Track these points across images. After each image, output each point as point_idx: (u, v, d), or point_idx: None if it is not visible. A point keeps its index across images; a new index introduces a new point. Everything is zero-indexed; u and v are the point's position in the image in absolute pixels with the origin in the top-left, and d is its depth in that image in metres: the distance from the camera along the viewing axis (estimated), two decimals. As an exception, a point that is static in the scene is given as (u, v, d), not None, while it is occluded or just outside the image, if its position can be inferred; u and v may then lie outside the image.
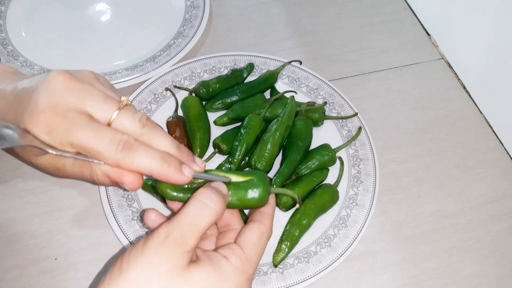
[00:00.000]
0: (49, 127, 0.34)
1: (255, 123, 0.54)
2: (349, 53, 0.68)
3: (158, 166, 0.34)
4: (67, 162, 0.37)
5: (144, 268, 0.30)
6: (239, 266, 0.33)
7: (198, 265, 0.31)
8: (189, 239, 0.31)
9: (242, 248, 0.34)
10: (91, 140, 0.34)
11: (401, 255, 0.51)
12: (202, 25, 0.66)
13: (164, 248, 0.30)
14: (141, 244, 0.31)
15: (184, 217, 0.32)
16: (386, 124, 0.61)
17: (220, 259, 0.32)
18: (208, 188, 0.34)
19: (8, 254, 0.48)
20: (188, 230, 0.31)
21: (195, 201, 0.33)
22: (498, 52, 0.59)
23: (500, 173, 0.58)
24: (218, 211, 0.33)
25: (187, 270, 0.31)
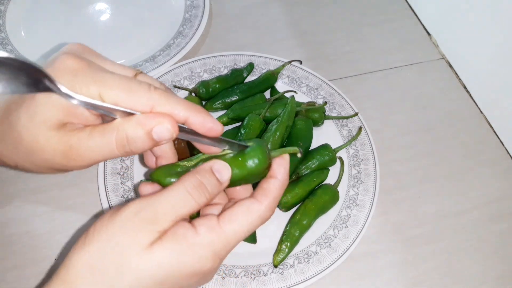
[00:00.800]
0: (74, 69, 0.30)
1: (255, 123, 0.54)
2: (349, 53, 0.68)
3: (194, 107, 0.31)
4: (84, 135, 0.31)
5: (107, 243, 0.29)
6: (206, 239, 0.30)
7: (162, 241, 0.29)
8: (162, 221, 0.29)
9: (219, 221, 0.31)
10: (121, 81, 0.30)
11: (402, 255, 0.51)
12: (202, 24, 0.66)
13: (131, 224, 0.29)
14: (108, 216, 0.30)
15: (162, 201, 0.30)
16: (386, 124, 0.61)
17: (187, 230, 0.30)
18: (199, 175, 0.31)
19: (8, 254, 0.48)
20: (164, 212, 0.29)
21: (180, 188, 0.30)
22: (499, 52, 0.59)
23: (501, 173, 0.58)
24: (201, 204, 0.31)
25: (150, 247, 0.29)
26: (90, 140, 0.31)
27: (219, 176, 0.32)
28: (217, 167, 0.32)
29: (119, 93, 0.30)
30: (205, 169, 0.32)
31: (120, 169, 0.53)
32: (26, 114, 0.31)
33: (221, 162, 0.32)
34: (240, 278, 0.47)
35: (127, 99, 0.30)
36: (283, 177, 0.33)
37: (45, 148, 0.31)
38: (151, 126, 0.30)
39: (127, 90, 0.30)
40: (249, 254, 0.49)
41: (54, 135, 0.31)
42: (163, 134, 0.30)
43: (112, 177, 0.52)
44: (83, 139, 0.31)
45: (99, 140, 0.31)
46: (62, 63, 0.30)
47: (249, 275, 0.47)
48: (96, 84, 0.30)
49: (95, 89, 0.30)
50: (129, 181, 0.52)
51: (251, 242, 0.50)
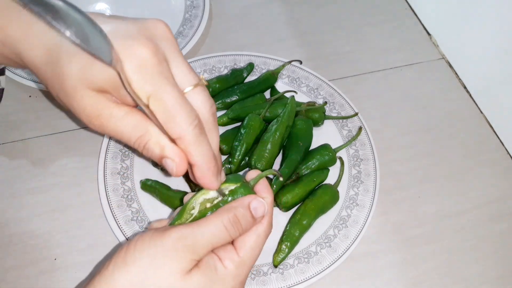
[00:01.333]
0: (144, 64, 0.31)
1: (255, 123, 0.54)
2: (349, 53, 0.68)
3: (209, 160, 0.33)
4: (117, 113, 0.33)
5: (149, 265, 0.30)
6: (233, 271, 0.33)
7: (199, 269, 0.32)
8: (200, 251, 0.32)
9: (237, 252, 0.34)
10: (174, 100, 0.31)
11: (402, 255, 0.51)
12: (201, 24, 0.66)
13: (173, 251, 0.31)
14: (149, 237, 0.31)
15: (202, 231, 0.32)
16: (386, 124, 0.61)
17: (216, 262, 0.33)
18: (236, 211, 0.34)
19: (8, 254, 0.48)
20: (202, 244, 0.32)
21: (218, 221, 0.33)
22: (499, 52, 0.59)
23: (501, 173, 0.58)
24: (233, 238, 0.34)
25: (188, 274, 0.31)
26: (122, 120, 0.33)
27: (254, 213, 0.35)
28: (254, 205, 0.35)
29: (162, 109, 0.31)
30: (243, 205, 0.34)
31: (120, 169, 0.53)
32: (78, 62, 0.31)
33: (259, 200, 0.35)
34: (240, 278, 0.47)
35: (165, 119, 0.31)
36: (270, 195, 0.37)
37: (78, 102, 0.33)
38: (165, 154, 0.33)
39: (170, 113, 0.31)
40: (249, 254, 0.49)
41: (92, 95, 0.32)
42: (169, 167, 0.33)
43: (112, 177, 0.52)
44: (114, 118, 0.33)
45: (128, 126, 0.33)
46: (137, 50, 0.31)
47: (249, 275, 0.47)
48: (152, 88, 0.31)
49: (148, 91, 0.31)
50: (129, 181, 0.52)
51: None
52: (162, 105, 0.31)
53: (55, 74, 0.33)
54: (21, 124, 0.57)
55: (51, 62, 0.33)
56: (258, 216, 0.35)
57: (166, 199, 0.50)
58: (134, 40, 0.31)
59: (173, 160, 0.33)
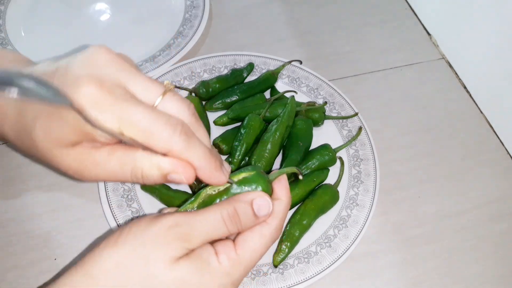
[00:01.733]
0: (95, 100, 0.29)
1: (255, 123, 0.54)
2: (349, 53, 0.68)
3: (208, 159, 0.32)
4: (100, 158, 0.32)
5: (138, 248, 0.30)
6: (226, 268, 0.31)
7: (189, 258, 0.31)
8: (193, 240, 0.31)
9: (236, 250, 0.32)
10: (145, 119, 0.29)
11: (402, 255, 0.51)
12: (202, 24, 0.66)
13: (165, 236, 0.30)
14: (144, 222, 0.31)
15: (198, 221, 0.31)
16: (386, 124, 0.61)
17: (210, 255, 0.31)
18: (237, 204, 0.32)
19: (8, 254, 0.48)
20: (196, 233, 0.31)
21: (217, 213, 0.32)
22: (499, 52, 0.59)
23: (501, 173, 0.58)
24: (232, 232, 0.32)
25: (176, 262, 0.30)
26: (107, 163, 0.32)
27: (257, 211, 0.33)
28: (258, 203, 0.33)
29: (138, 132, 0.29)
30: (245, 200, 0.33)
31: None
32: (41, 128, 0.31)
33: (265, 199, 0.33)
34: (240, 278, 0.47)
35: (146, 140, 0.30)
36: (287, 198, 0.35)
37: (59, 162, 0.32)
38: (166, 171, 0.31)
39: (147, 131, 0.29)
40: (249, 254, 0.49)
41: (69, 152, 0.32)
42: (177, 180, 0.32)
43: (112, 177, 0.52)
44: (100, 161, 0.32)
45: (116, 166, 0.32)
46: (83, 89, 0.29)
47: (249, 275, 0.47)
48: (116, 118, 0.29)
49: (115, 123, 0.29)
50: (129, 181, 0.52)
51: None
52: (135, 128, 0.29)
53: (29, 144, 0.32)
54: (21, 124, 0.57)
55: (20, 133, 0.33)
56: (261, 215, 0.33)
57: (166, 199, 0.50)
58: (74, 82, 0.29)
59: (177, 173, 0.31)
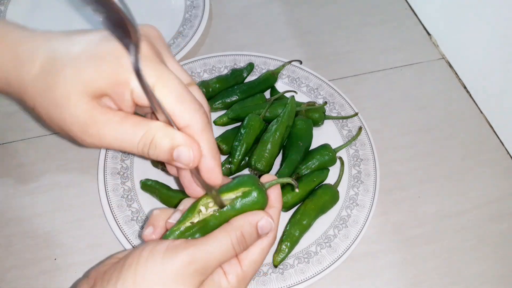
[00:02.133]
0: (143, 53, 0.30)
1: (255, 123, 0.54)
2: (349, 53, 0.68)
3: (216, 150, 0.33)
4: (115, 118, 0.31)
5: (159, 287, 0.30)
6: (235, 285, 0.33)
7: (204, 286, 0.32)
8: (209, 271, 0.32)
9: (241, 266, 0.34)
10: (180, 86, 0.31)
11: (402, 255, 0.51)
12: (201, 24, 0.66)
13: (183, 277, 0.30)
14: (159, 257, 0.31)
15: (212, 252, 0.31)
16: (386, 124, 0.61)
17: (221, 278, 0.33)
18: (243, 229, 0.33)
19: (8, 254, 0.48)
20: (211, 265, 0.31)
21: (226, 240, 0.32)
22: (499, 52, 0.59)
23: (501, 173, 0.58)
24: (238, 254, 0.33)
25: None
26: (120, 126, 0.31)
27: (261, 231, 0.34)
28: (262, 224, 0.34)
29: (170, 95, 0.30)
30: (252, 224, 0.33)
31: (120, 169, 0.53)
32: (74, 67, 0.30)
33: (267, 220, 0.34)
34: (240, 278, 0.47)
35: (174, 105, 0.30)
36: (280, 203, 0.36)
37: (70, 109, 0.31)
38: (178, 143, 0.31)
39: (179, 98, 0.30)
40: (249, 254, 0.49)
41: (86, 101, 0.31)
42: (183, 157, 0.31)
43: (112, 177, 0.52)
44: (112, 122, 0.31)
45: (128, 130, 0.31)
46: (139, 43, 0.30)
47: (249, 275, 0.47)
48: (156, 76, 0.30)
49: (153, 80, 0.30)
50: (129, 181, 0.52)
51: (251, 242, 0.50)
52: (169, 92, 0.30)
53: (47, 85, 0.31)
54: (21, 124, 0.57)
55: (43, 73, 0.31)
56: (263, 233, 0.34)
57: (166, 199, 0.50)
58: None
59: (188, 147, 0.31)
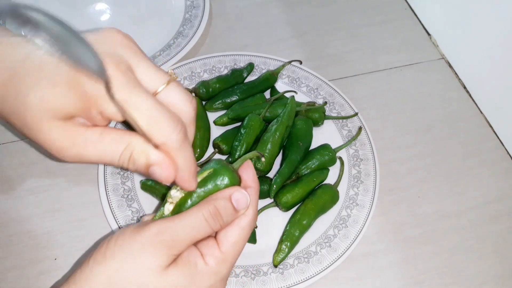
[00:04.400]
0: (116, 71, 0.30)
1: (255, 123, 0.54)
2: (349, 53, 0.68)
3: (191, 164, 0.32)
4: (93, 136, 0.31)
5: (127, 260, 0.30)
6: (214, 268, 0.32)
7: (177, 265, 0.31)
8: (179, 245, 0.31)
9: (219, 248, 0.33)
10: (153, 106, 0.30)
11: (402, 255, 0.51)
12: (202, 25, 0.66)
13: (152, 246, 0.30)
14: (128, 233, 0.31)
15: (182, 225, 0.31)
16: (386, 124, 0.61)
17: (197, 258, 0.32)
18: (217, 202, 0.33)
19: (8, 254, 0.48)
20: (181, 238, 0.31)
21: (198, 214, 0.32)
22: (499, 52, 0.59)
23: (500, 173, 0.58)
24: (215, 230, 0.33)
25: (166, 270, 0.31)
26: (99, 144, 0.31)
27: (236, 205, 0.33)
28: (236, 197, 0.33)
29: (142, 118, 0.30)
30: (224, 197, 0.33)
31: (120, 169, 0.53)
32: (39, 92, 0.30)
33: (241, 192, 0.34)
34: (240, 278, 0.47)
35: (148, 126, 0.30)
36: (256, 183, 0.36)
37: (45, 136, 0.31)
38: (152, 162, 0.31)
39: (151, 119, 0.30)
40: (249, 254, 0.49)
41: (59, 125, 0.31)
42: (157, 175, 0.32)
43: (112, 177, 0.52)
44: (91, 141, 0.31)
45: (107, 147, 0.31)
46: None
47: (249, 275, 0.47)
48: (125, 100, 0.29)
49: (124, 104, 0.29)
50: (129, 181, 0.52)
51: (251, 242, 0.50)
52: (140, 115, 0.30)
53: (15, 109, 0.31)
54: (21, 124, 0.57)
55: (8, 96, 0.31)
56: (240, 208, 0.33)
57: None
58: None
59: (160, 167, 0.31)
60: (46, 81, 0.30)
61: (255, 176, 0.36)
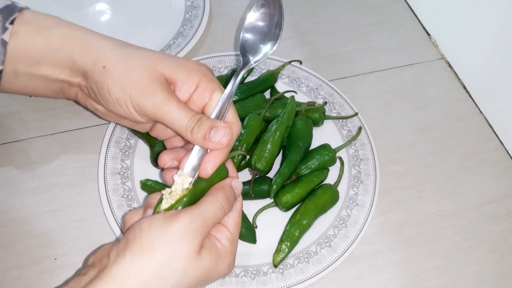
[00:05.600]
0: (210, 76, 0.43)
1: (255, 123, 0.54)
2: (349, 53, 0.68)
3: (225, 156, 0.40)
4: (177, 98, 0.40)
5: (168, 250, 0.34)
6: (229, 247, 0.38)
7: (206, 248, 0.36)
8: (208, 230, 0.36)
9: (228, 229, 0.39)
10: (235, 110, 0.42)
11: (401, 255, 0.51)
12: (202, 25, 0.66)
13: (188, 234, 0.34)
14: (160, 224, 0.34)
15: (206, 211, 0.36)
16: (386, 124, 0.61)
17: (216, 242, 0.38)
18: (226, 190, 0.39)
19: (8, 254, 0.48)
20: (209, 223, 0.36)
21: (215, 201, 0.38)
22: (499, 52, 0.59)
23: (500, 173, 0.58)
24: (227, 213, 0.39)
25: (200, 254, 0.35)
26: (181, 105, 0.40)
27: (236, 191, 0.41)
28: (235, 185, 0.41)
29: (232, 109, 0.42)
30: (228, 185, 0.40)
31: (120, 169, 0.53)
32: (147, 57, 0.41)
33: (237, 181, 0.41)
34: (240, 278, 0.47)
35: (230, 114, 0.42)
36: (237, 174, 0.44)
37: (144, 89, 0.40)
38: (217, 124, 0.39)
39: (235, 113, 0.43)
40: (249, 254, 0.49)
41: (157, 86, 0.40)
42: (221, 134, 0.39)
43: (112, 177, 0.52)
44: (178, 101, 0.40)
45: (186, 110, 0.40)
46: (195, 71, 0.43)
47: (249, 275, 0.47)
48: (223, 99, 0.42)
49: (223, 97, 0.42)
50: (129, 181, 0.52)
51: (251, 242, 0.50)
52: (232, 108, 0.42)
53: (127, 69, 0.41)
54: (21, 124, 0.57)
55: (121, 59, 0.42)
56: (238, 193, 0.41)
57: (166, 199, 0.50)
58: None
59: (227, 127, 0.39)
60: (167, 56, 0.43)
61: (234, 167, 0.44)
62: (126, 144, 0.55)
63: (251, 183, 0.51)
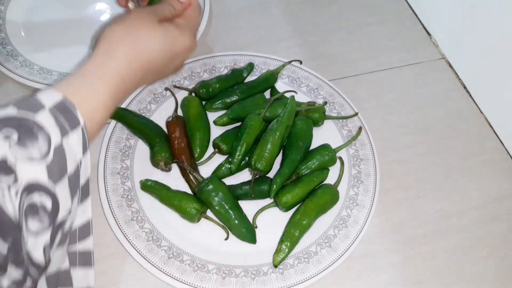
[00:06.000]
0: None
1: (255, 123, 0.54)
2: (349, 53, 0.68)
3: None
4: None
5: (135, 19, 0.42)
6: (186, 23, 0.47)
7: (166, 22, 0.44)
8: (156, 13, 0.44)
9: (184, 15, 0.47)
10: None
11: (402, 255, 0.51)
12: (202, 25, 0.66)
13: (144, 11, 0.44)
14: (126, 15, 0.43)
15: (159, 5, 0.46)
16: (386, 124, 0.61)
17: (174, 21, 0.46)
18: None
19: (8, 255, 0.48)
20: (158, 8, 0.45)
21: (166, 2, 0.46)
22: (499, 52, 0.59)
23: (500, 173, 0.58)
24: (174, 12, 0.47)
25: (160, 23, 0.43)
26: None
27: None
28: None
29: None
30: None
31: (120, 169, 0.53)
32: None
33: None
34: (240, 278, 0.47)
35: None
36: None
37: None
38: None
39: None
40: (249, 254, 0.49)
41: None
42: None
43: (112, 177, 0.52)
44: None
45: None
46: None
47: (249, 275, 0.47)
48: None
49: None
50: (129, 181, 0.52)
51: (251, 242, 0.50)
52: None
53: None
54: (21, 124, 0.57)
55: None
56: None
57: (166, 199, 0.50)
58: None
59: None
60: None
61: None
62: (126, 144, 0.55)
63: (251, 183, 0.51)
